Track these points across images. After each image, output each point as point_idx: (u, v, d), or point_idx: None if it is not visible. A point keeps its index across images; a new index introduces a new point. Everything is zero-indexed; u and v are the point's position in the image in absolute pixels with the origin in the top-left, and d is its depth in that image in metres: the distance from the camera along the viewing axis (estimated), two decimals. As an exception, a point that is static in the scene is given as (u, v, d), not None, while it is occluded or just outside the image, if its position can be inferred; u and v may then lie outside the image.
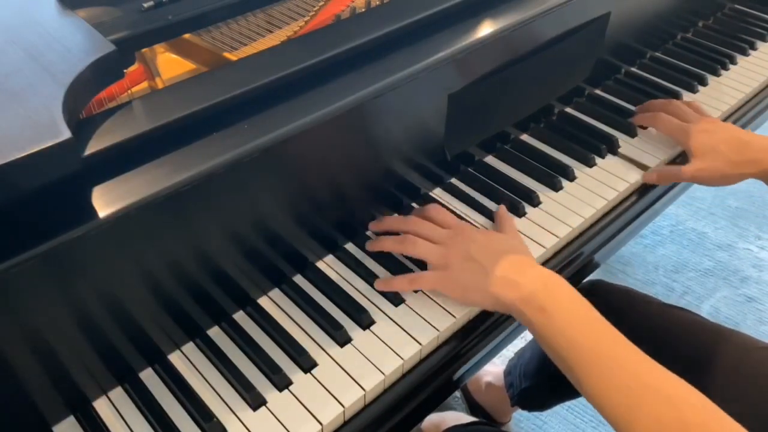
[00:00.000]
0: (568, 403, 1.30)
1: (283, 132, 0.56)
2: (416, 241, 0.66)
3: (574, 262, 0.75)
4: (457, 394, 1.27)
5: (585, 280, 0.86)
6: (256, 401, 0.58)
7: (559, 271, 0.74)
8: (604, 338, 0.56)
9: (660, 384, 0.53)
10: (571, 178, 0.82)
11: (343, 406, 0.58)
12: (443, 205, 0.77)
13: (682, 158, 0.87)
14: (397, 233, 0.70)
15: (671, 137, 0.86)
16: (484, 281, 0.62)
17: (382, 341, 0.63)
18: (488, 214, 0.76)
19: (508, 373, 1.13)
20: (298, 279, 0.68)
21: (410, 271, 0.68)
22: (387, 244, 0.69)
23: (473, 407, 1.24)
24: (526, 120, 0.87)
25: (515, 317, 0.61)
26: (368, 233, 0.73)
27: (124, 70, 0.58)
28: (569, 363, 0.56)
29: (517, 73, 0.77)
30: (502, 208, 0.75)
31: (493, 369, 1.19)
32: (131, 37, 0.59)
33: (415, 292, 0.67)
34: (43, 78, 0.48)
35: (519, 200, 0.77)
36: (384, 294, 0.67)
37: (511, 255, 0.64)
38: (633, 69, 1.03)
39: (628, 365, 0.54)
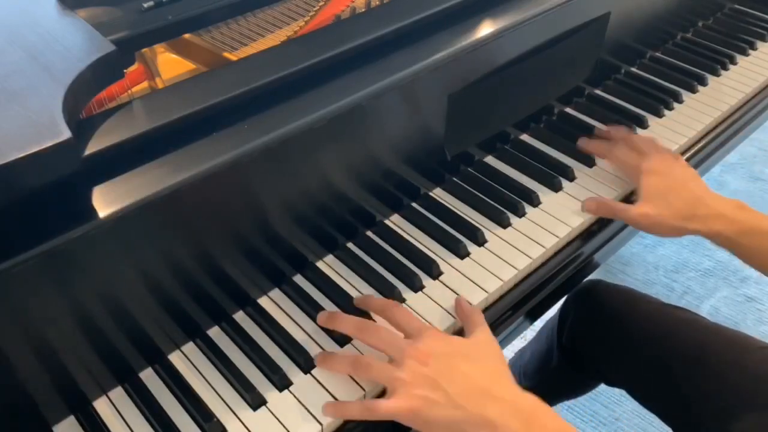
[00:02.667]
0: (567, 403, 1.30)
1: (283, 132, 0.56)
2: (370, 364, 0.56)
3: (574, 262, 0.75)
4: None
5: (585, 280, 0.86)
6: (256, 401, 0.58)
7: (559, 271, 0.74)
8: None
9: None
10: (571, 178, 0.82)
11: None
12: (443, 206, 0.77)
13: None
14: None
15: (622, 171, 0.80)
16: (455, 418, 0.52)
17: (382, 341, 0.63)
18: (488, 214, 0.75)
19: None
20: (298, 279, 0.68)
21: (410, 272, 0.68)
22: (338, 365, 0.59)
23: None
24: (526, 120, 0.87)
25: None
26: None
27: (124, 70, 0.58)
28: None
29: (517, 73, 0.77)
30: (460, 300, 0.65)
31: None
32: (131, 37, 0.59)
33: (416, 292, 0.67)
34: (43, 78, 0.48)
35: (519, 200, 0.77)
36: (384, 294, 0.66)
37: (484, 382, 0.54)
38: (633, 69, 1.03)
39: None
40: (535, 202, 0.78)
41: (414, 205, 0.77)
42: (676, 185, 0.74)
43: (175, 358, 0.61)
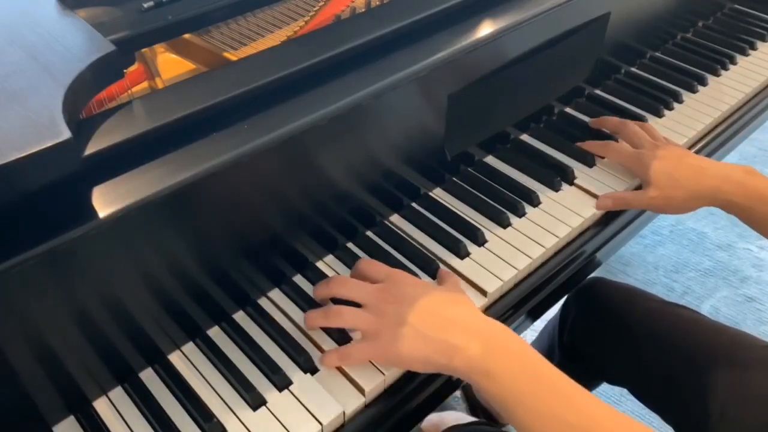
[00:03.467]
0: (568, 403, 1.30)
1: (283, 132, 0.56)
2: (340, 311, 0.59)
3: (574, 261, 0.75)
4: (457, 394, 1.27)
5: (586, 279, 0.86)
6: (256, 401, 0.58)
7: (560, 271, 0.74)
8: (555, 398, 0.52)
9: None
10: (571, 178, 0.82)
11: (343, 406, 0.58)
12: (443, 206, 0.77)
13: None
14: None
15: (625, 166, 0.81)
16: (422, 349, 0.55)
17: (382, 341, 0.63)
18: (488, 214, 0.75)
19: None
20: (298, 279, 0.68)
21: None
22: (315, 320, 0.62)
23: (473, 407, 1.24)
24: (526, 120, 0.87)
25: (458, 376, 0.57)
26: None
27: (124, 70, 0.58)
28: (515, 420, 0.53)
29: (517, 73, 0.77)
30: (443, 270, 0.69)
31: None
32: (131, 37, 0.59)
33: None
34: (43, 78, 0.48)
35: (519, 200, 0.77)
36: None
37: (447, 311, 0.57)
38: (633, 69, 1.03)
39: (581, 421, 0.51)
40: (535, 202, 0.78)
41: (414, 205, 0.77)
42: (678, 163, 0.76)
43: (175, 358, 0.61)
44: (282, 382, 0.59)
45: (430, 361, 0.56)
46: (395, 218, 0.75)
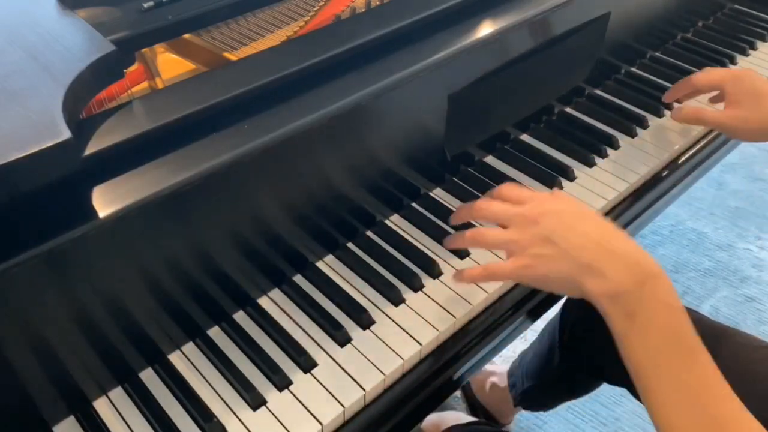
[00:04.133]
0: (568, 403, 1.30)
1: (283, 132, 0.56)
2: (485, 233, 0.59)
3: (574, 262, 0.75)
4: (457, 394, 1.27)
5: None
6: (256, 401, 0.58)
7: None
8: (694, 370, 0.49)
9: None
10: (571, 178, 0.82)
11: (343, 406, 0.58)
12: (443, 206, 0.77)
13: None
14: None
15: (711, 83, 0.81)
16: (566, 270, 0.53)
17: (382, 341, 0.63)
18: (488, 214, 0.75)
19: (510, 373, 1.14)
20: (298, 279, 0.68)
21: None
22: (460, 242, 0.62)
23: (473, 407, 1.24)
24: (526, 120, 0.87)
25: (598, 309, 0.53)
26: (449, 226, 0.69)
27: (124, 70, 0.58)
28: (645, 382, 0.50)
29: (517, 73, 0.77)
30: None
31: (497, 369, 1.19)
32: (131, 37, 0.59)
33: (416, 292, 0.67)
34: (43, 78, 0.48)
35: (519, 200, 0.77)
36: (384, 294, 0.67)
37: (596, 234, 0.54)
38: (633, 69, 1.03)
39: (713, 409, 0.48)
40: (535, 202, 0.78)
41: (414, 205, 0.77)
42: (763, 90, 0.75)
43: (175, 358, 0.61)
44: (282, 382, 0.59)
45: (574, 284, 0.53)
46: (395, 218, 0.75)
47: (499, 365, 1.24)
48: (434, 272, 0.68)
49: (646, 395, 0.50)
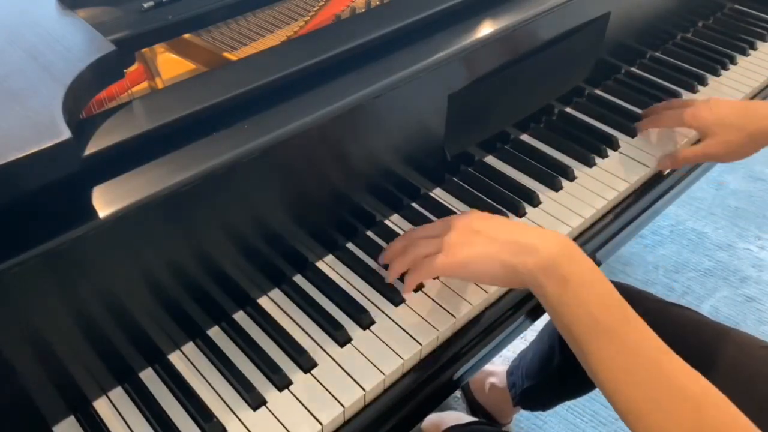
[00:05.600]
0: (568, 403, 1.30)
1: (283, 132, 0.56)
2: (416, 242, 0.63)
3: (574, 262, 0.75)
4: (457, 394, 1.27)
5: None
6: (256, 401, 0.58)
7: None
8: (627, 322, 0.51)
9: (682, 381, 0.50)
10: (571, 178, 0.82)
11: (343, 406, 0.58)
12: (443, 206, 0.77)
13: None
14: None
15: (680, 125, 0.84)
16: (494, 251, 0.56)
17: (382, 341, 0.63)
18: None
19: (510, 373, 1.14)
20: (298, 279, 0.68)
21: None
22: (396, 267, 0.65)
23: (473, 407, 1.24)
24: (526, 120, 0.87)
25: (530, 288, 0.55)
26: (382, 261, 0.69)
27: (124, 70, 0.58)
28: (584, 343, 0.51)
29: (517, 73, 0.77)
30: None
31: (497, 369, 1.19)
32: (131, 37, 0.59)
33: (416, 290, 0.67)
34: (43, 78, 0.48)
35: (519, 200, 0.77)
36: (384, 294, 0.67)
37: (517, 225, 0.59)
38: (633, 69, 1.03)
39: (650, 356, 0.50)
40: (535, 201, 0.78)
41: (414, 205, 0.77)
42: (724, 110, 0.80)
43: (175, 358, 0.61)
44: (282, 382, 0.59)
45: (502, 262, 0.55)
46: (395, 218, 0.75)
47: (498, 365, 1.24)
48: (434, 272, 0.68)
49: (588, 358, 0.52)
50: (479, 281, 0.64)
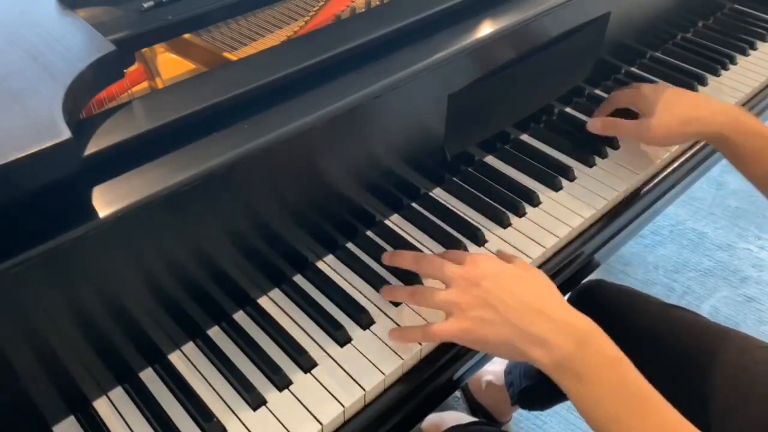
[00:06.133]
0: (568, 403, 1.29)
1: (283, 132, 0.56)
2: (425, 292, 0.60)
3: (574, 262, 0.75)
4: (457, 394, 1.27)
5: (586, 280, 0.86)
6: (256, 401, 0.58)
7: (559, 271, 0.74)
8: (646, 418, 0.50)
9: None
10: (571, 178, 0.82)
11: (343, 405, 0.58)
12: (443, 206, 0.77)
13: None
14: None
15: (628, 104, 0.85)
16: (507, 335, 0.54)
17: (382, 341, 0.63)
18: (488, 214, 0.75)
19: (508, 372, 1.14)
20: (298, 279, 0.68)
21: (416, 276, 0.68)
22: (399, 295, 0.64)
23: (473, 407, 1.24)
24: (526, 120, 0.87)
25: (545, 373, 0.54)
26: (383, 262, 0.68)
27: (124, 70, 0.58)
28: None
29: (517, 73, 0.77)
30: (502, 252, 0.68)
31: (494, 368, 1.19)
32: (131, 37, 0.59)
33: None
34: (43, 78, 0.48)
35: (519, 200, 0.77)
36: (384, 293, 0.67)
37: (534, 299, 0.56)
38: (633, 69, 1.03)
39: None
40: (535, 202, 0.78)
41: (414, 205, 0.77)
42: (675, 95, 0.80)
43: (175, 358, 0.61)
44: (282, 382, 0.59)
45: (516, 350, 0.54)
46: (395, 218, 0.75)
47: (496, 363, 1.23)
48: (434, 272, 0.68)
49: None
50: (491, 353, 0.61)
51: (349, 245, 0.72)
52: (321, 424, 0.56)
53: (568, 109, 0.93)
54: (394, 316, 0.65)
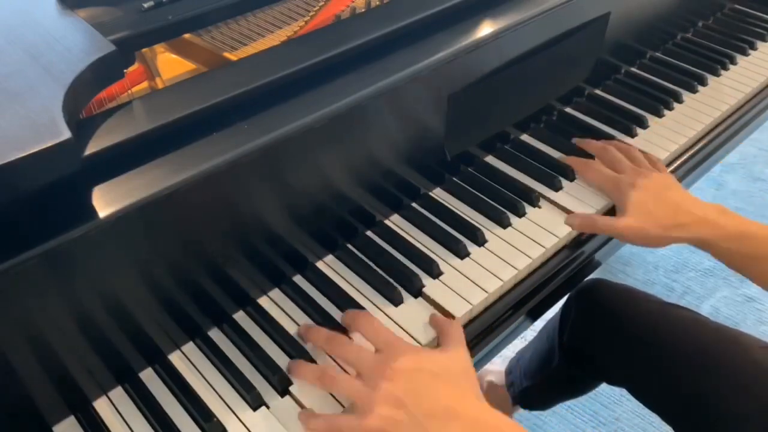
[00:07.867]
0: (568, 403, 1.30)
1: (283, 132, 0.56)
2: (335, 378, 0.56)
3: (574, 262, 0.75)
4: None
5: (586, 280, 0.86)
6: (256, 401, 0.58)
7: (559, 271, 0.74)
8: None
9: None
10: (571, 178, 0.82)
11: (343, 406, 0.58)
12: (443, 206, 0.77)
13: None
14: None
15: (602, 190, 0.79)
16: None
17: (382, 341, 0.63)
18: (488, 214, 0.75)
19: (509, 372, 1.14)
20: (298, 279, 0.68)
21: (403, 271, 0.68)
22: (306, 376, 0.58)
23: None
24: (526, 120, 0.87)
25: None
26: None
27: (124, 70, 0.58)
28: None
29: (517, 73, 0.77)
30: (435, 317, 0.64)
31: (495, 368, 1.19)
32: (131, 37, 0.59)
33: (416, 297, 0.67)
34: (43, 78, 0.48)
35: (519, 200, 0.77)
36: (383, 294, 0.67)
37: (449, 400, 0.53)
38: (633, 69, 1.03)
39: None
40: (535, 202, 0.78)
41: (414, 205, 0.77)
42: (656, 195, 0.74)
43: (175, 358, 0.61)
44: (282, 383, 0.59)
45: None
46: (395, 218, 0.75)
47: (497, 364, 1.23)
48: (434, 272, 0.68)
49: None
50: None
51: (349, 245, 0.72)
52: (321, 424, 0.56)
53: (568, 109, 0.93)
54: (394, 316, 0.65)
